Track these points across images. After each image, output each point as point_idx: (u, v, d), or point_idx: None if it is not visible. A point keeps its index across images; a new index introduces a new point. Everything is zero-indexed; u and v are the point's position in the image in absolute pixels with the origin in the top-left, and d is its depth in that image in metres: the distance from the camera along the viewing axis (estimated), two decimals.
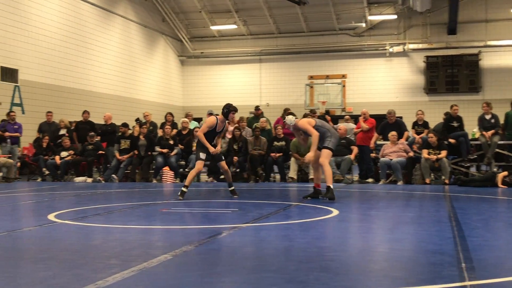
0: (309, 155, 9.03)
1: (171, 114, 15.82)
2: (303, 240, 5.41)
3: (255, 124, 15.16)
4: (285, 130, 14.45)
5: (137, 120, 17.15)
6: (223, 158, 9.90)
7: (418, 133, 14.08)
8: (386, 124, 14.07)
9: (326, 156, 9.05)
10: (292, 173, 13.69)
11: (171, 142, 14.54)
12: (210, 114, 16.31)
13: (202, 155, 9.43)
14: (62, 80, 20.27)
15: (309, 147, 13.40)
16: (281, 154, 13.86)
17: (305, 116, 14.84)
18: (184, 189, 9.29)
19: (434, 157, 12.80)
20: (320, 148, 9.11)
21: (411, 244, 5.36)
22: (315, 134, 8.96)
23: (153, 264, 4.33)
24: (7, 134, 15.47)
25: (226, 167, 9.75)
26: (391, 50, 26.63)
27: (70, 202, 9.67)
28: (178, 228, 6.46)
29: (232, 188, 9.74)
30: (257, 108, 16.29)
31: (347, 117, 17.13)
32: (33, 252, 5.09)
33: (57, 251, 5.00)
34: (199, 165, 9.47)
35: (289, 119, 9.25)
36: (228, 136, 14.89)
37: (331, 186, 8.93)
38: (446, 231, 5.91)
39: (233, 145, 14.31)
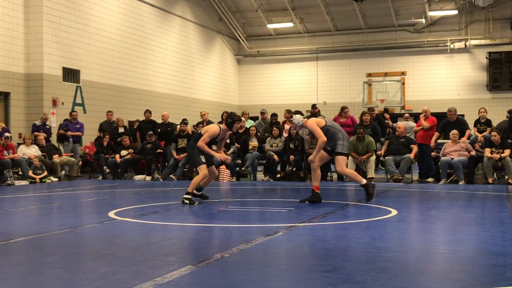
0: (311, 157, 8.65)
1: (227, 113, 15.89)
2: (361, 240, 5.35)
3: None
4: (343, 129, 14.29)
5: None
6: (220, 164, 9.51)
7: (480, 132, 13.70)
8: (447, 122, 13.74)
9: (342, 164, 8.60)
10: None
11: (228, 141, 14.62)
12: (262, 113, 16.37)
13: (203, 158, 8.81)
14: (122, 80, 20.72)
15: (366, 145, 13.27)
16: None
17: (313, 115, 14.75)
18: (188, 196, 8.66)
19: (497, 156, 12.43)
20: (332, 153, 8.69)
21: (473, 245, 5.22)
22: (322, 140, 8.47)
23: (210, 262, 4.36)
24: (69, 133, 15.94)
25: (216, 172, 9.41)
26: (452, 46, 26.01)
27: (130, 200, 9.86)
28: (235, 227, 6.48)
29: (201, 193, 9.19)
30: (313, 106, 16.18)
31: (406, 115, 16.83)
32: (94, 248, 5.21)
33: (117, 248, 5.10)
34: (204, 170, 8.80)
35: (296, 118, 8.80)
36: (285, 134, 14.87)
37: (364, 181, 8.51)
38: (509, 232, 5.74)
39: (289, 144, 14.28)
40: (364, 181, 8.56)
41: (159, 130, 16.18)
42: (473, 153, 12.88)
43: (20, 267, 4.40)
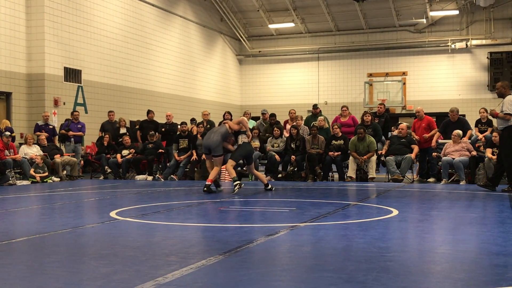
0: None
1: (229, 113, 15.92)
2: (362, 240, 5.35)
3: (313, 122, 15.08)
4: (344, 129, 14.32)
5: (193, 120, 17.48)
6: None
7: (481, 132, 13.70)
8: (448, 122, 13.74)
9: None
10: (351, 172, 13.54)
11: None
12: (263, 113, 16.34)
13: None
14: (123, 80, 20.73)
15: (367, 145, 13.27)
16: (339, 153, 13.74)
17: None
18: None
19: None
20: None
21: (474, 245, 5.22)
22: None
23: (211, 261, 4.36)
24: (70, 133, 15.94)
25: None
26: (453, 46, 26.02)
27: (131, 200, 9.87)
28: (236, 226, 6.49)
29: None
30: (315, 106, 16.19)
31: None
32: (96, 248, 5.22)
33: (119, 248, 5.10)
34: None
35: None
36: (286, 134, 14.87)
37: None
38: (511, 232, 5.74)
39: (291, 144, 14.28)
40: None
41: (163, 129, 16.19)
42: (474, 153, 12.87)
43: (22, 266, 4.40)
